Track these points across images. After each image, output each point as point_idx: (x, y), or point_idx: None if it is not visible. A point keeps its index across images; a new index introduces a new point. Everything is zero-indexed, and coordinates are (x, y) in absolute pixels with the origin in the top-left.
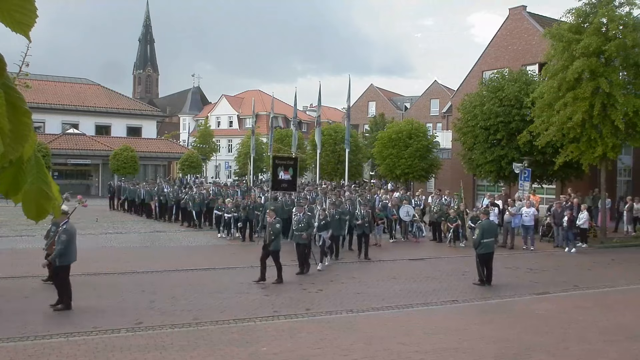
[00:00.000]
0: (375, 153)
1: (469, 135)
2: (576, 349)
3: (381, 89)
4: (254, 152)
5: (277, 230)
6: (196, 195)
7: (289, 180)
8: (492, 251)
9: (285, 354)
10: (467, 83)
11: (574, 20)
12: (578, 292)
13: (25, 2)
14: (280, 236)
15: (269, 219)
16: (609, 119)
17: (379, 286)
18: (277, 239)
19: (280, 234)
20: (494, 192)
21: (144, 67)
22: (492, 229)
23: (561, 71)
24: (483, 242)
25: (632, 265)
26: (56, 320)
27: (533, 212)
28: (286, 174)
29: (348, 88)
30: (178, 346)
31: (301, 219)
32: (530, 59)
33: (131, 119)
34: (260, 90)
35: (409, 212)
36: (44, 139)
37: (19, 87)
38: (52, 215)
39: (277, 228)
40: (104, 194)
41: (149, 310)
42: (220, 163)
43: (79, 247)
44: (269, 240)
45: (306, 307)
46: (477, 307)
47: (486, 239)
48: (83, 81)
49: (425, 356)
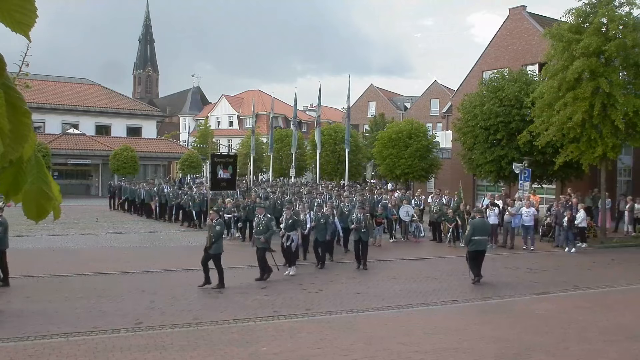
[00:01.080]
0: (375, 153)
1: (469, 135)
2: (576, 349)
3: (381, 89)
4: (254, 152)
5: (217, 233)
6: (196, 195)
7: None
8: (483, 249)
9: (285, 354)
10: (467, 83)
11: (574, 20)
12: (578, 292)
13: (25, 2)
14: (221, 239)
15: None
16: (609, 119)
17: (379, 286)
18: (218, 242)
19: (221, 237)
20: (494, 192)
21: (144, 67)
22: (484, 227)
23: (561, 71)
24: (474, 239)
25: (632, 265)
26: (56, 320)
27: (533, 212)
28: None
29: (348, 88)
30: (178, 346)
31: (260, 221)
32: (530, 59)
33: (131, 119)
34: (260, 90)
35: (409, 212)
36: (44, 139)
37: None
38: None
39: (217, 231)
40: (104, 194)
41: (149, 310)
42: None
43: (79, 247)
44: (209, 243)
45: (306, 307)
46: (477, 307)
47: (477, 237)
48: (83, 81)
49: (425, 356)
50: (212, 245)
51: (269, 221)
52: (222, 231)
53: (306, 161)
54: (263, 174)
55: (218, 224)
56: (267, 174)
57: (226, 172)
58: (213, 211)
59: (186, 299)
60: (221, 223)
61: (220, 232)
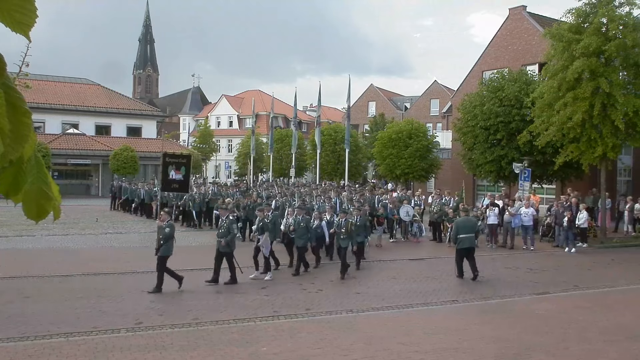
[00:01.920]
0: (375, 153)
1: (469, 135)
2: (576, 349)
3: (381, 89)
4: (254, 152)
5: (166, 235)
6: (196, 195)
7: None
8: (470, 246)
9: (285, 354)
10: (467, 83)
11: (574, 20)
12: (578, 292)
13: (25, 2)
14: (171, 242)
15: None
16: (609, 119)
17: (379, 286)
18: (167, 244)
19: (171, 239)
20: (494, 192)
21: (144, 67)
22: (468, 225)
23: (561, 71)
24: (460, 238)
25: (632, 265)
26: (56, 320)
27: (532, 213)
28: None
29: (348, 88)
30: (178, 346)
31: (222, 223)
32: (530, 59)
33: (131, 119)
34: (260, 90)
35: (409, 212)
36: (44, 139)
37: (19, 87)
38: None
39: (166, 233)
40: (104, 194)
41: (149, 310)
42: (220, 163)
43: (79, 247)
44: (157, 245)
45: (306, 307)
46: (477, 307)
47: (462, 235)
48: (83, 81)
49: (425, 356)
50: (160, 247)
51: (230, 223)
52: (172, 233)
53: (306, 161)
54: (263, 174)
55: (168, 226)
56: (267, 174)
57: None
58: (164, 212)
59: (186, 299)
60: (171, 225)
61: (169, 234)
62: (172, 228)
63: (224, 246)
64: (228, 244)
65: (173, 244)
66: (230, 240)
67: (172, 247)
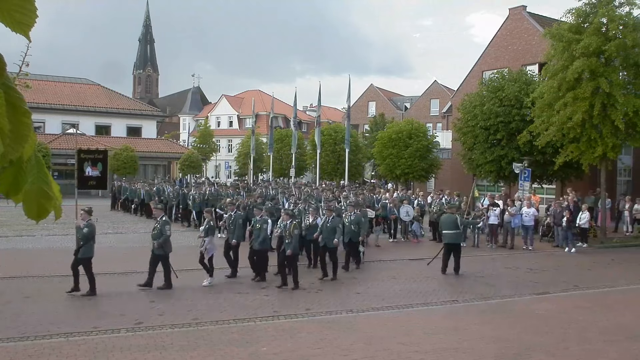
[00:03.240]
0: (375, 153)
1: (469, 135)
2: (576, 349)
3: (381, 89)
4: (254, 152)
5: (84, 235)
6: (196, 195)
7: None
8: (454, 242)
9: (285, 354)
10: (467, 83)
11: (574, 20)
12: (578, 292)
13: (25, 2)
14: (91, 243)
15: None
16: (609, 119)
17: (379, 286)
18: (87, 246)
19: (91, 240)
20: (494, 192)
21: (144, 67)
22: (449, 221)
23: (561, 71)
24: (443, 234)
25: (632, 265)
26: (56, 320)
27: (533, 213)
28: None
29: (348, 88)
30: (178, 346)
31: (155, 224)
32: (530, 59)
33: (131, 119)
34: (260, 90)
35: (409, 212)
36: (44, 139)
37: (19, 87)
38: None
39: (84, 233)
40: (104, 194)
41: (149, 310)
42: (220, 163)
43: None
44: (77, 246)
45: (306, 307)
46: (477, 307)
47: (445, 231)
48: (83, 81)
49: (425, 356)
50: (79, 248)
51: (163, 225)
52: (91, 234)
53: (306, 161)
54: (263, 174)
55: (86, 226)
56: (267, 174)
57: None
58: (83, 212)
59: (186, 299)
60: (90, 225)
61: (87, 235)
62: (90, 228)
63: (157, 248)
64: (162, 246)
65: (93, 246)
66: (163, 242)
67: (92, 249)
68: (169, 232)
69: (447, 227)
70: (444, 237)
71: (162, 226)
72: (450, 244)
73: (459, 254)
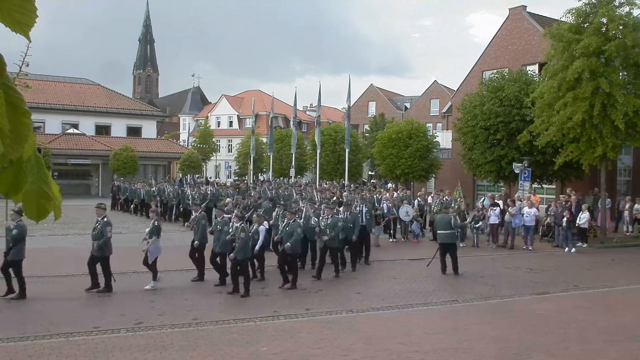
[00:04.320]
0: (375, 153)
1: (469, 135)
2: (576, 349)
3: (381, 89)
4: (254, 152)
5: (13, 237)
6: (196, 195)
7: None
8: (449, 242)
9: (285, 354)
10: (467, 83)
11: (574, 20)
12: (578, 292)
13: (25, 2)
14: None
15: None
16: (609, 119)
17: (379, 286)
18: (17, 247)
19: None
20: (494, 192)
21: (144, 67)
22: (444, 221)
23: (561, 71)
24: (438, 234)
25: (632, 265)
26: (56, 320)
27: (534, 212)
28: None
29: (348, 88)
30: (178, 346)
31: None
32: (530, 59)
33: (131, 119)
34: (260, 90)
35: (409, 212)
36: (44, 139)
37: (19, 87)
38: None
39: (13, 235)
40: (105, 194)
41: (149, 310)
42: (220, 163)
43: (79, 247)
44: (6, 247)
45: (306, 307)
46: (477, 307)
47: (439, 231)
48: (83, 81)
49: (425, 356)
50: (9, 250)
51: (104, 226)
52: (21, 235)
53: (306, 161)
54: (263, 174)
55: (16, 227)
56: (267, 174)
57: None
58: (13, 212)
59: (186, 299)
60: (20, 226)
61: (17, 236)
62: (20, 229)
63: (97, 250)
64: (101, 248)
65: (24, 247)
66: (103, 244)
67: (23, 251)
68: (110, 233)
69: (441, 227)
70: (439, 237)
71: (102, 227)
72: (444, 244)
73: (455, 253)
